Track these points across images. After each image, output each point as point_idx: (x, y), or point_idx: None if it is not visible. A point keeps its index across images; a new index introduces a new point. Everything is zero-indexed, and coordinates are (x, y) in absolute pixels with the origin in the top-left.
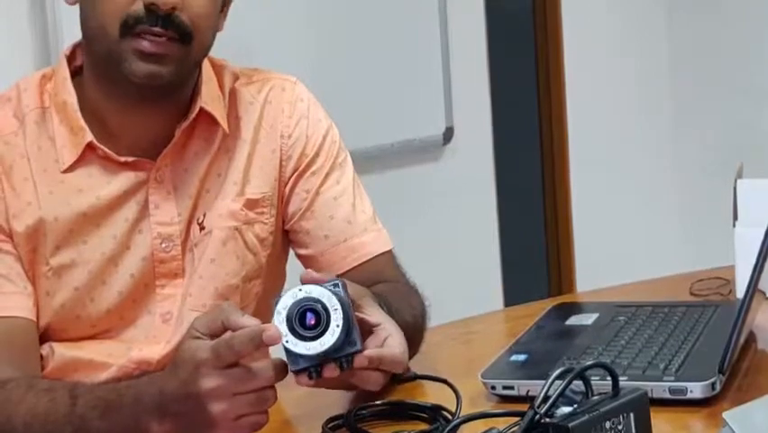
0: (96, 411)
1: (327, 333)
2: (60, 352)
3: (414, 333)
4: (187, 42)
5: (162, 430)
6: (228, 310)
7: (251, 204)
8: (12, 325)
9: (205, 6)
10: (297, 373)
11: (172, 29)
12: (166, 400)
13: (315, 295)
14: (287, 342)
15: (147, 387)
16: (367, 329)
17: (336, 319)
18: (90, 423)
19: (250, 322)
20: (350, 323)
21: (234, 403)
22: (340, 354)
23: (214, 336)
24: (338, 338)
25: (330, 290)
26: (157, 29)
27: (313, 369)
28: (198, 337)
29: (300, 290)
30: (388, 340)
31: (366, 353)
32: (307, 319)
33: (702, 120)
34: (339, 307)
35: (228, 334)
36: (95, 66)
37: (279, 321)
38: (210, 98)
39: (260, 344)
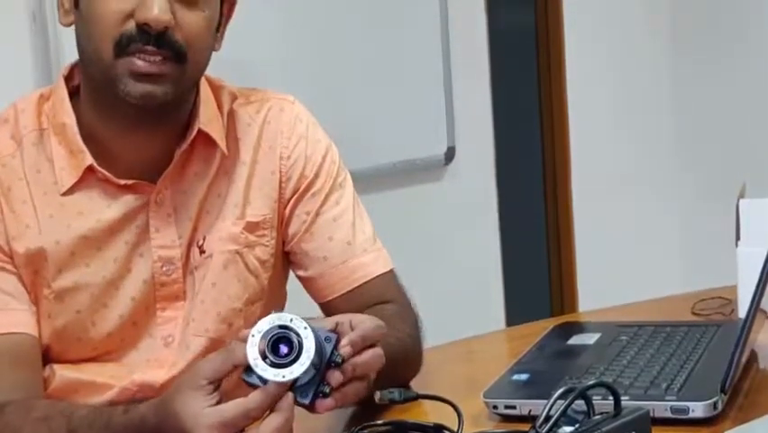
0: None
1: (297, 363)
2: (61, 373)
3: (404, 353)
4: (181, 61)
5: None
6: (237, 352)
7: (252, 227)
8: (17, 341)
9: (199, 25)
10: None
11: (166, 48)
12: None
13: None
14: (256, 366)
15: (145, 425)
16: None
17: (308, 350)
18: None
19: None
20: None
21: None
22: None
23: (220, 380)
24: (306, 370)
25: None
26: (150, 48)
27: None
28: (202, 387)
29: (278, 317)
30: (354, 322)
31: (342, 344)
32: (280, 348)
33: (705, 139)
34: (311, 336)
35: (240, 407)
36: (92, 88)
37: (252, 344)
38: (208, 119)
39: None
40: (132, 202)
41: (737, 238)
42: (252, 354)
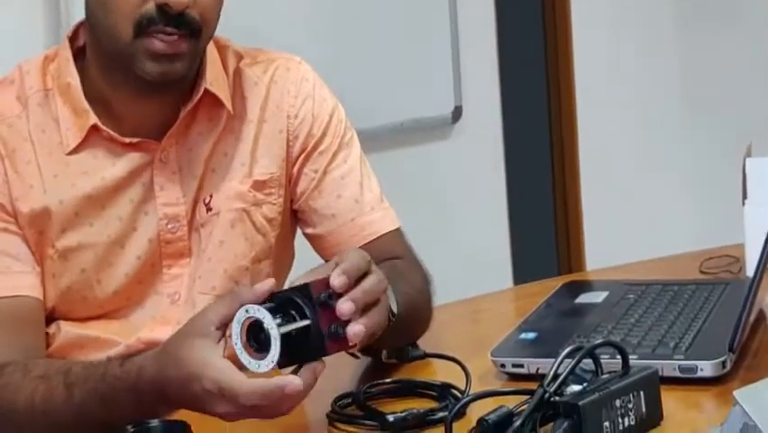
0: (93, 401)
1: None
2: (67, 330)
3: (415, 308)
4: (197, 37)
5: (171, 409)
6: (243, 295)
7: (259, 185)
8: (19, 304)
9: (214, 0)
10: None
11: (184, 27)
12: (168, 391)
13: (256, 315)
14: (241, 354)
15: (142, 376)
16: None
17: (275, 337)
18: (91, 412)
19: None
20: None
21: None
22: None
23: (227, 326)
24: (280, 352)
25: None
26: (170, 29)
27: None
28: (210, 333)
29: (247, 311)
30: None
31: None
32: (252, 339)
33: (713, 98)
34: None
35: (242, 383)
36: (101, 56)
37: (235, 333)
38: (214, 79)
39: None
40: (136, 160)
41: (744, 197)
42: (237, 344)
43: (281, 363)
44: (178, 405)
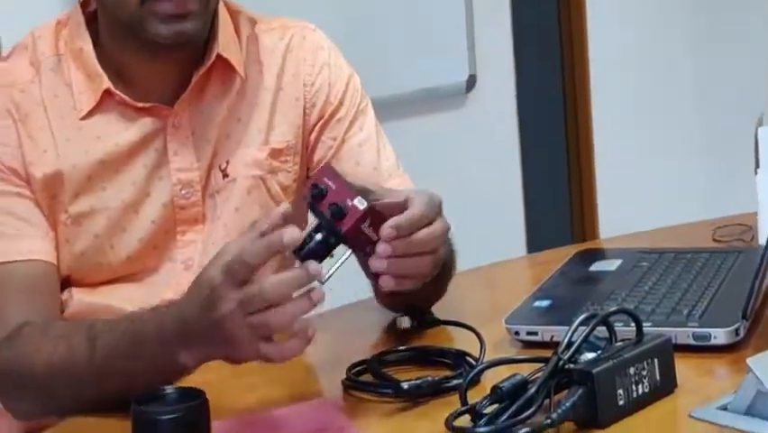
0: (117, 351)
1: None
2: (79, 298)
3: (443, 267)
4: None
5: (192, 359)
6: (262, 224)
7: (276, 153)
8: (32, 268)
9: None
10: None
11: None
12: (188, 328)
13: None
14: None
15: (167, 317)
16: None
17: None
18: (113, 364)
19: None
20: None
21: (254, 324)
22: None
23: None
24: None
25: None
26: None
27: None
28: (226, 254)
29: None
30: (406, 206)
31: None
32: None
33: (726, 65)
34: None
35: (240, 249)
36: (112, 24)
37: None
38: (226, 43)
39: (278, 249)
40: (149, 125)
41: (757, 166)
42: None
43: None
44: (196, 337)
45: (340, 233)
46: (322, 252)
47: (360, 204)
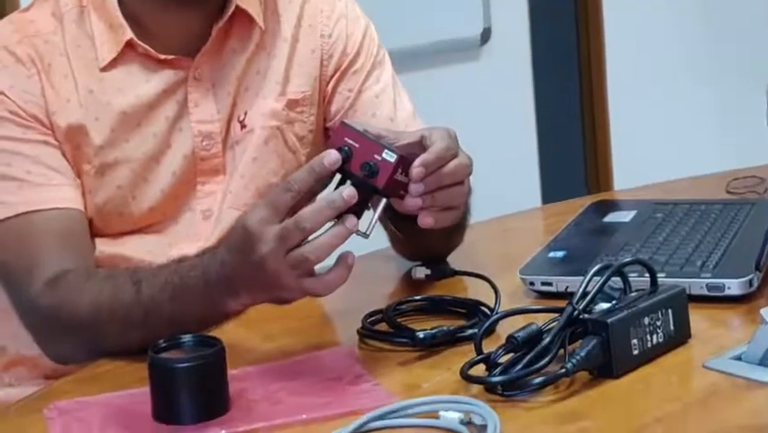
0: (163, 294)
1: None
2: (101, 249)
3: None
4: None
5: (240, 304)
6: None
7: (292, 104)
8: (65, 216)
9: None
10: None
11: None
12: (231, 275)
13: None
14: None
15: (210, 265)
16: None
17: None
18: (161, 306)
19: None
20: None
21: (294, 260)
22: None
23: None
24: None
25: None
26: None
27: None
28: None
29: None
30: (426, 143)
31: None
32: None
33: (739, 17)
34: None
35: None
36: None
37: None
38: None
39: (321, 173)
40: (171, 77)
41: None
42: None
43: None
44: (240, 283)
45: (377, 189)
46: (359, 205)
47: (389, 156)
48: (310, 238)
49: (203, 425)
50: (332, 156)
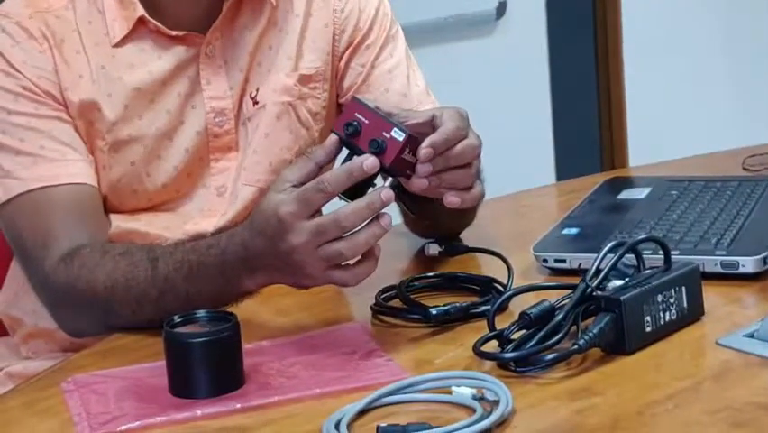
0: (179, 273)
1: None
2: (117, 224)
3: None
4: None
5: (255, 284)
6: (317, 153)
7: (305, 79)
8: (80, 191)
9: None
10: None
11: None
12: (251, 257)
13: None
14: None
15: (229, 246)
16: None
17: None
18: (176, 284)
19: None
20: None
21: (327, 254)
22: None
23: (303, 184)
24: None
25: None
26: None
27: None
28: (286, 189)
29: None
30: (436, 123)
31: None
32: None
33: None
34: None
35: (316, 179)
36: None
37: None
38: None
39: (357, 176)
40: (182, 53)
41: None
42: None
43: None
44: (261, 265)
45: (384, 167)
46: (365, 184)
47: (397, 135)
48: None
49: (218, 399)
50: (370, 161)
